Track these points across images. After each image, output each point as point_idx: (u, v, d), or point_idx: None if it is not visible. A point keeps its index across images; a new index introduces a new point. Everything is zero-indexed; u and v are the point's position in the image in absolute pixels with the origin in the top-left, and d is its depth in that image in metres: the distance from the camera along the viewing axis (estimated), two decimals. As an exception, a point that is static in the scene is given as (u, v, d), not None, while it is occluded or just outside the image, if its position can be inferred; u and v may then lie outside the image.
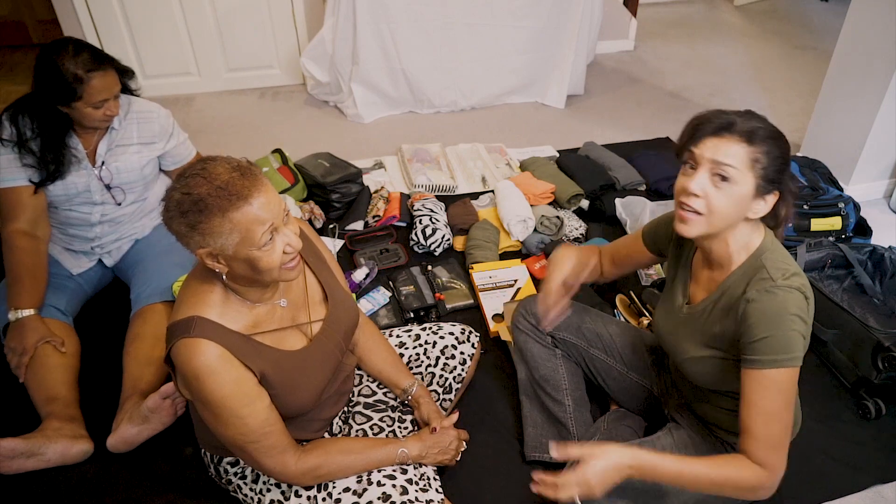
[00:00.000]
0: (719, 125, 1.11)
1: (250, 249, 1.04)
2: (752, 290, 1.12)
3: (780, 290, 1.09)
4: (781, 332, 1.08)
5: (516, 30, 3.28)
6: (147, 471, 1.55)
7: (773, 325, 1.08)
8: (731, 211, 1.12)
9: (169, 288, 1.80)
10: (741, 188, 1.10)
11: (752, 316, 1.10)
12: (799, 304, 1.10)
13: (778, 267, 1.13)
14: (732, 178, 1.09)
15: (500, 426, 1.69)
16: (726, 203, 1.11)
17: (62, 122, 1.68)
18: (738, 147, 1.09)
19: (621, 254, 1.52)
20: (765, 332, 1.09)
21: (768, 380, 1.10)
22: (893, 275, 1.89)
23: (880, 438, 1.69)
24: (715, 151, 1.10)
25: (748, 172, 1.10)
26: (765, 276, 1.12)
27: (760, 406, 1.11)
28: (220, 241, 1.03)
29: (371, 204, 2.52)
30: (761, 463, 1.11)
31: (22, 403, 1.63)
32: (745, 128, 1.10)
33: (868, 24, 2.43)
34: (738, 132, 1.09)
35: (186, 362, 1.07)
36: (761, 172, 1.10)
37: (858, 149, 2.58)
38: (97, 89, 1.60)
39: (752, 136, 1.09)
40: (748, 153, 1.09)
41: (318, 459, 1.22)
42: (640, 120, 3.37)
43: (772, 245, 1.18)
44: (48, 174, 1.68)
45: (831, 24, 4.66)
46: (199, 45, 3.38)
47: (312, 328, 1.28)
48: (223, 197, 1.00)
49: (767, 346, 1.09)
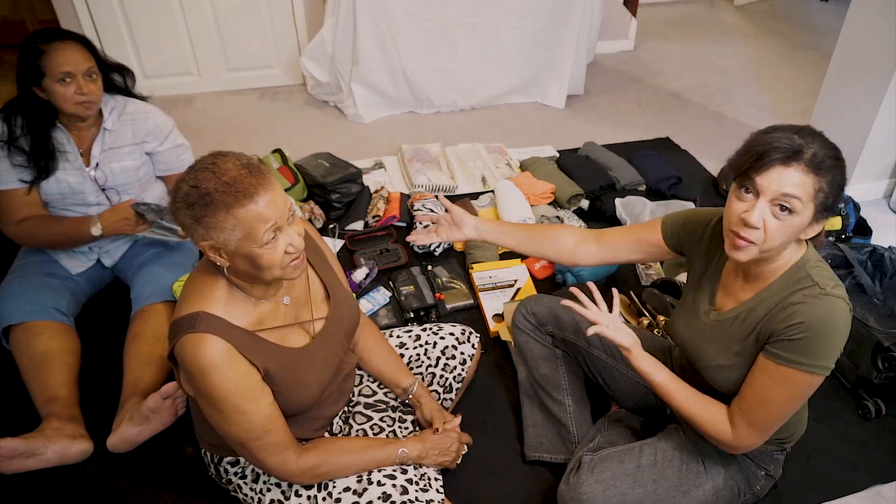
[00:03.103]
0: (787, 154, 1.03)
1: (252, 247, 1.05)
2: (798, 295, 1.10)
3: (829, 298, 1.08)
4: (820, 338, 1.07)
5: (516, 30, 3.28)
6: (147, 471, 1.55)
7: (813, 329, 1.07)
8: (787, 239, 1.08)
9: (169, 288, 1.80)
10: (801, 219, 1.06)
11: (797, 317, 1.08)
12: (845, 315, 1.09)
13: (825, 276, 1.12)
14: (794, 210, 1.04)
15: (500, 426, 1.69)
16: (784, 233, 1.07)
17: (47, 114, 1.68)
18: (805, 178, 1.03)
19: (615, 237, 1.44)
20: (804, 333, 1.07)
21: (782, 375, 1.10)
22: (893, 275, 1.89)
23: (880, 438, 1.69)
24: (782, 183, 1.03)
25: (810, 203, 1.05)
26: (811, 283, 1.10)
27: (761, 392, 1.13)
28: (222, 236, 1.03)
29: (371, 204, 2.52)
30: (735, 427, 1.18)
31: (22, 403, 1.63)
32: (813, 156, 1.03)
33: (868, 24, 2.43)
34: (806, 162, 1.03)
35: (192, 357, 1.07)
36: (822, 201, 1.06)
37: (858, 149, 2.58)
38: (57, 61, 1.60)
39: (819, 166, 1.03)
40: (814, 183, 1.03)
41: (317, 458, 1.22)
42: (640, 120, 3.37)
43: (816, 257, 1.16)
44: (38, 171, 1.68)
45: (831, 24, 4.66)
46: (199, 45, 3.38)
47: (315, 326, 1.28)
48: (229, 193, 1.01)
49: (799, 347, 1.08)
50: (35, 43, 1.61)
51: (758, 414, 1.15)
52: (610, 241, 1.45)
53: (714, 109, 3.50)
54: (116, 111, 1.78)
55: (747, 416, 1.16)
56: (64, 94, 1.63)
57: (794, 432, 1.33)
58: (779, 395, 1.12)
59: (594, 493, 1.24)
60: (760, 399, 1.14)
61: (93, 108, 1.70)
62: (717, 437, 1.21)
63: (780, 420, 1.16)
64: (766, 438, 1.19)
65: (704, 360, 1.26)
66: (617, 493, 1.25)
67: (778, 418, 1.15)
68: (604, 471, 1.28)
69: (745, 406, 1.17)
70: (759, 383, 1.14)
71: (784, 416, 1.15)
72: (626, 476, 1.27)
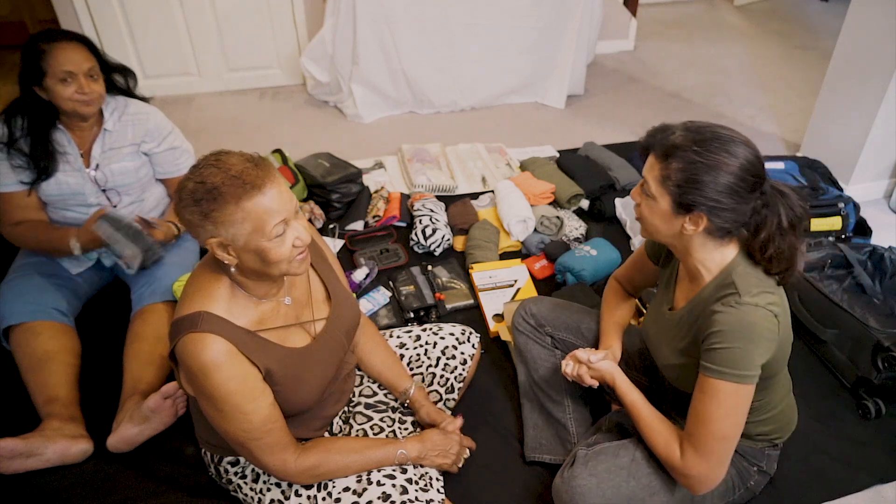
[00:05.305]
0: (650, 141, 1.16)
1: (261, 240, 1.05)
2: (718, 304, 1.13)
3: (745, 307, 1.10)
4: (737, 347, 1.09)
5: (516, 30, 3.28)
6: (147, 471, 1.55)
7: (731, 339, 1.09)
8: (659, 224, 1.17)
9: (169, 288, 1.80)
10: (660, 205, 1.14)
11: (714, 325, 1.12)
12: (765, 322, 1.10)
13: (749, 283, 1.13)
14: (650, 193, 1.15)
15: (500, 426, 1.69)
16: (653, 216, 1.17)
17: (47, 114, 1.69)
18: (655, 162, 1.14)
19: (636, 278, 1.53)
20: (721, 343, 1.10)
21: (710, 387, 1.12)
22: (893, 275, 1.89)
23: (880, 438, 1.69)
24: (646, 167, 1.17)
25: (661, 188, 1.13)
26: (733, 291, 1.13)
27: (699, 409, 1.14)
28: (231, 231, 1.03)
29: (371, 204, 2.52)
30: (683, 452, 1.18)
31: (22, 403, 1.63)
32: (664, 145, 1.12)
33: (868, 24, 2.43)
34: (658, 148, 1.13)
35: (193, 357, 1.07)
36: (674, 190, 1.11)
37: (858, 149, 2.58)
38: (59, 61, 1.60)
39: (668, 154, 1.11)
40: (661, 169, 1.12)
41: (317, 458, 1.22)
42: (640, 120, 3.37)
43: (745, 262, 1.17)
44: (38, 172, 1.68)
45: (831, 24, 4.66)
46: (199, 45, 3.38)
47: (316, 326, 1.28)
48: (237, 185, 1.01)
49: (719, 357, 1.10)
50: (37, 43, 1.61)
51: (699, 433, 1.14)
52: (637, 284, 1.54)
53: (714, 109, 3.50)
54: (117, 112, 1.79)
55: (691, 439, 1.16)
56: (65, 94, 1.63)
57: (780, 426, 1.33)
58: (712, 409, 1.12)
59: (588, 486, 1.24)
60: (699, 417, 1.14)
61: (94, 107, 1.70)
62: (667, 458, 1.21)
63: (724, 441, 1.14)
64: (719, 471, 1.16)
65: (660, 358, 1.32)
66: (611, 487, 1.24)
67: (721, 438, 1.13)
68: (598, 464, 1.28)
69: (689, 428, 1.17)
70: (696, 400, 1.16)
71: (726, 438, 1.14)
72: (621, 470, 1.27)
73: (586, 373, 1.34)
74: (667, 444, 1.21)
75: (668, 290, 1.34)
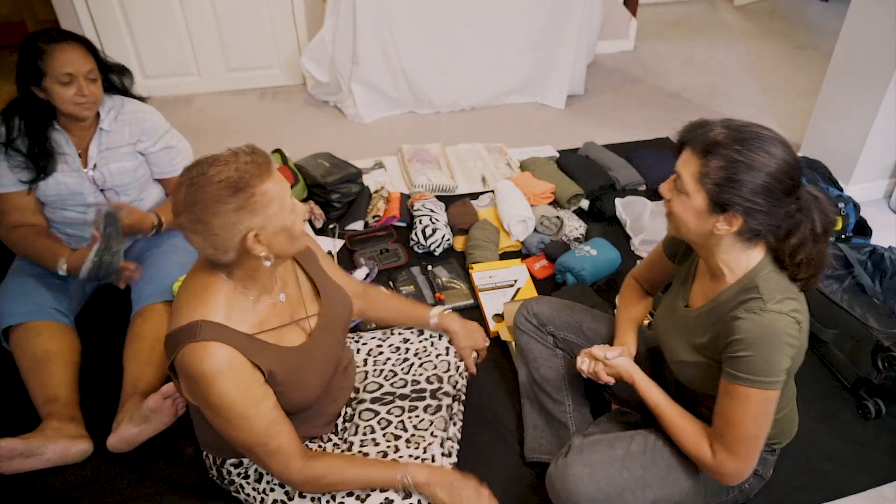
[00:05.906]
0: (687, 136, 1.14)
1: (285, 217, 1.08)
2: (741, 309, 1.12)
3: (769, 314, 1.09)
4: (764, 354, 1.09)
5: (516, 30, 3.28)
6: (147, 471, 1.55)
7: (755, 346, 1.09)
8: (691, 221, 1.14)
9: (169, 288, 1.80)
10: (694, 202, 1.12)
11: (737, 332, 1.11)
12: (788, 329, 1.09)
13: (773, 288, 1.12)
14: (684, 190, 1.13)
15: (500, 426, 1.69)
16: (685, 213, 1.14)
17: (45, 113, 1.68)
18: (692, 158, 1.11)
19: (653, 277, 1.53)
20: (747, 350, 1.10)
21: (737, 393, 1.12)
22: (893, 275, 1.89)
23: (880, 438, 1.69)
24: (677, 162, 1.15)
25: (697, 185, 1.10)
26: (756, 296, 1.12)
27: (727, 412, 1.15)
28: (266, 214, 1.05)
29: (371, 204, 2.52)
30: (714, 451, 1.18)
31: (22, 403, 1.63)
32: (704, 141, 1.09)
33: (868, 24, 2.43)
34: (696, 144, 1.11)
35: (196, 367, 1.06)
36: (711, 188, 1.09)
37: (858, 149, 2.58)
38: (59, 62, 1.60)
39: (707, 150, 1.09)
40: (699, 166, 1.10)
41: (323, 469, 1.20)
42: (640, 120, 3.37)
43: (771, 266, 1.16)
44: (36, 171, 1.68)
45: (831, 24, 4.66)
46: (199, 45, 3.38)
47: (310, 322, 1.28)
48: (253, 165, 1.04)
49: (745, 365, 1.10)
50: (36, 43, 1.60)
51: (728, 436, 1.15)
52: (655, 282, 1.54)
53: (714, 109, 3.50)
54: (114, 111, 1.78)
55: (721, 440, 1.17)
56: (64, 96, 1.63)
57: (780, 431, 1.33)
58: (739, 413, 1.12)
59: (581, 475, 1.24)
60: (727, 420, 1.15)
61: (92, 109, 1.70)
62: (698, 457, 1.21)
63: (753, 440, 1.15)
64: (750, 465, 1.18)
65: (671, 354, 1.31)
66: (604, 477, 1.24)
67: (749, 439, 1.14)
68: (592, 454, 1.27)
69: (717, 429, 1.18)
70: (722, 404, 1.16)
71: (756, 437, 1.15)
72: (615, 461, 1.26)
73: (602, 370, 1.34)
74: (697, 444, 1.21)
75: (684, 286, 1.33)
